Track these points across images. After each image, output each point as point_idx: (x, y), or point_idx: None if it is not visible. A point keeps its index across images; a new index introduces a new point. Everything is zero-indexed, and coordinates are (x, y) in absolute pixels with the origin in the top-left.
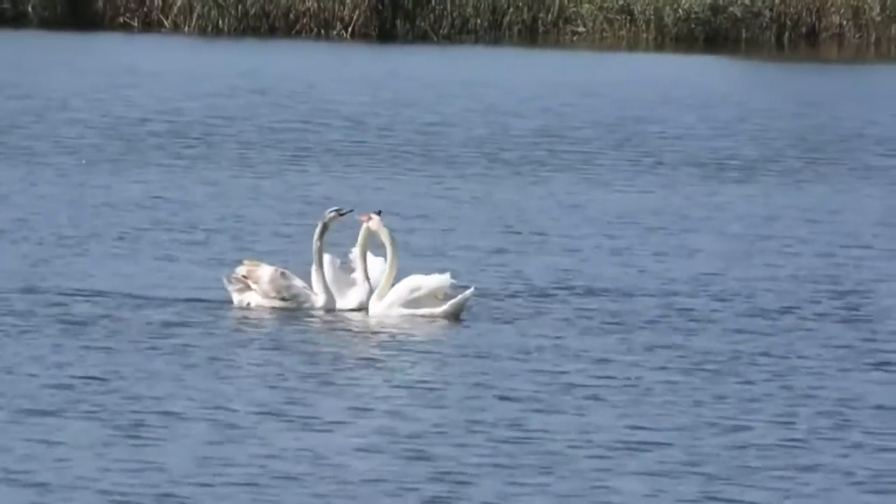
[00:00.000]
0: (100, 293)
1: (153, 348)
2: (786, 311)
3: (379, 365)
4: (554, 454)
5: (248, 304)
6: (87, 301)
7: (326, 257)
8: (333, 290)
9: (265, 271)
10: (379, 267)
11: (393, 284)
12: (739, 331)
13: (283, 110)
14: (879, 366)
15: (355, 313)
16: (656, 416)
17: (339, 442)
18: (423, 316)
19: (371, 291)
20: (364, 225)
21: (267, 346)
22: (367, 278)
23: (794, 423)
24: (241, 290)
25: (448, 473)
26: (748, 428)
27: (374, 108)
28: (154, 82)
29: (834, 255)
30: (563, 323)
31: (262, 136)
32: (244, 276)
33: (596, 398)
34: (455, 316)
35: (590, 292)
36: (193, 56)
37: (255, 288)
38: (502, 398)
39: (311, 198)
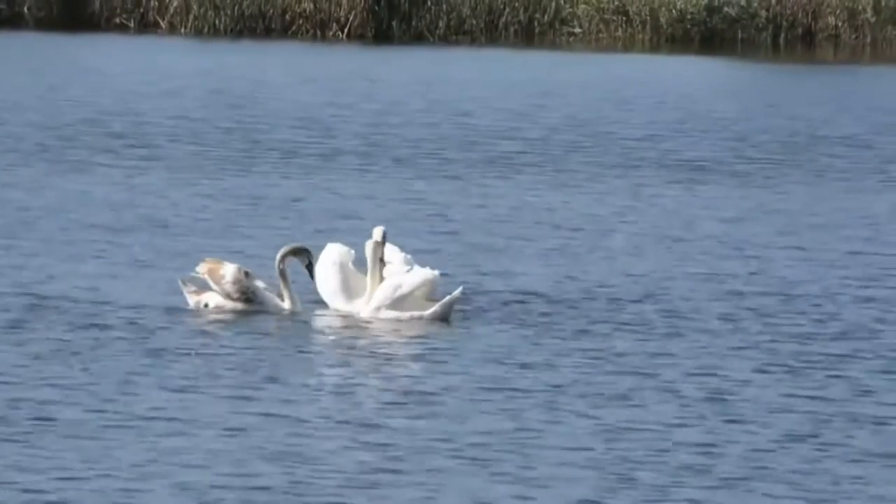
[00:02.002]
0: (43, 296)
1: (80, 353)
2: (712, 312)
3: (311, 368)
4: (462, 458)
5: (206, 304)
6: (31, 302)
7: (342, 248)
8: (343, 290)
9: (228, 270)
10: (398, 259)
11: None
12: (661, 333)
13: (247, 111)
14: (796, 369)
15: (318, 317)
16: (565, 419)
17: (234, 447)
18: (410, 319)
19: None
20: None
21: (200, 348)
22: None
23: (705, 425)
24: (197, 292)
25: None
26: (660, 430)
27: (351, 109)
28: (126, 81)
29: (769, 258)
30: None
31: (222, 136)
32: (204, 275)
33: (510, 399)
34: (444, 318)
35: (520, 294)
36: (183, 56)
37: (216, 288)
38: (417, 403)
39: (270, 199)
